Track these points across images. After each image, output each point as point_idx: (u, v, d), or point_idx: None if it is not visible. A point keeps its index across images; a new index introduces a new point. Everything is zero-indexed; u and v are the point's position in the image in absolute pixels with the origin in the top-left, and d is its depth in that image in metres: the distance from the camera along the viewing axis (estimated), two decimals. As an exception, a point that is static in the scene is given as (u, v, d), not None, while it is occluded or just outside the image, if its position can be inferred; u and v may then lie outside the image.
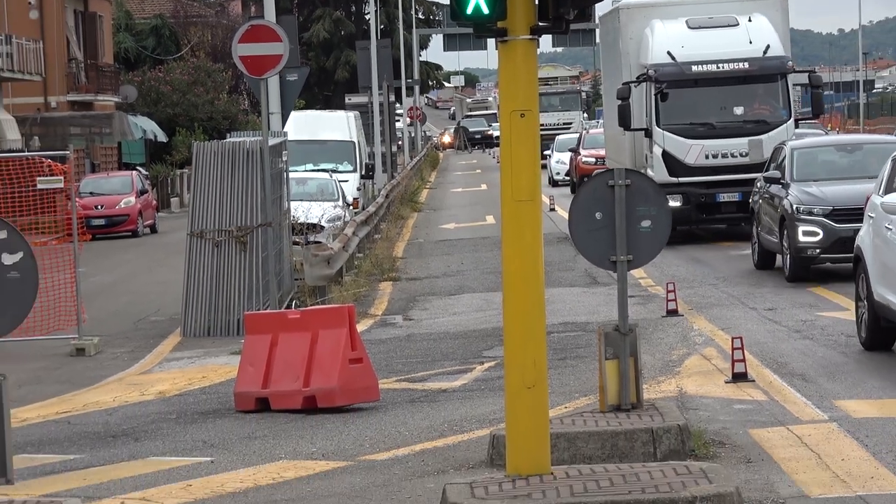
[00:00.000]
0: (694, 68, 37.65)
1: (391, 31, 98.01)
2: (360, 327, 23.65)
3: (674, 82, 37.61)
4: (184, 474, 17.34)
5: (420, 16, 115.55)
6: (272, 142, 30.91)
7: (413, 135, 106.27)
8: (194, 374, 24.84)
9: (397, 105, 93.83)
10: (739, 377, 20.93)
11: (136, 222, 59.63)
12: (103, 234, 55.62)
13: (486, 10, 13.90)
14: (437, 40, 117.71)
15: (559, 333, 24.34)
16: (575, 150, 66.53)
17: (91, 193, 57.48)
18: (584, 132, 74.91)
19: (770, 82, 38.71)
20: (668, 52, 37.95)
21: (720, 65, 37.71)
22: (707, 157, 37.61)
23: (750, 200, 34.67)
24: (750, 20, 39.01)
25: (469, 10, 13.89)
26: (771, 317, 27.07)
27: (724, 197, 38.03)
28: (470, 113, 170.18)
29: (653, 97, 38.01)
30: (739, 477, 14.90)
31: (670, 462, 15.37)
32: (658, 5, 41.20)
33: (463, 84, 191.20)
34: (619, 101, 38.08)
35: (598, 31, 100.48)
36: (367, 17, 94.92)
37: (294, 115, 48.36)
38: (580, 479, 14.21)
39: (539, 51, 14.88)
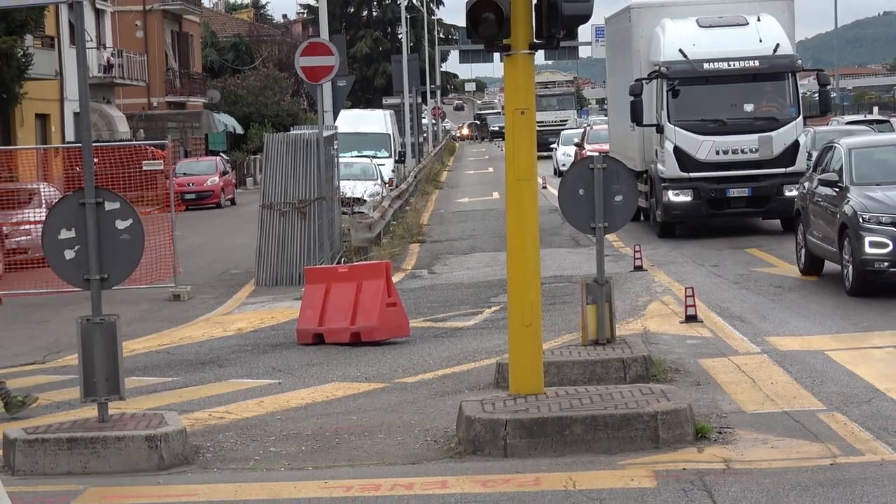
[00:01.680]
0: (706, 65, 32.85)
1: (418, 47, 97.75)
2: (395, 279, 23.61)
3: (686, 79, 32.88)
4: (257, 393, 17.37)
5: (441, 35, 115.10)
6: (326, 134, 30.85)
7: (435, 129, 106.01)
8: (265, 315, 24.83)
9: (423, 105, 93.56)
10: (691, 318, 20.93)
11: (220, 197, 59.62)
12: (194, 206, 55.57)
13: (494, 30, 13.91)
14: (454, 55, 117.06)
15: (550, 284, 24.28)
16: (579, 145, 60.30)
17: (184, 174, 57.36)
18: (588, 128, 67.14)
19: (779, 80, 33.61)
20: (680, 50, 33.04)
21: (731, 62, 32.88)
22: (717, 152, 32.51)
23: (795, 201, 27.91)
24: (759, 20, 34.05)
25: (481, 30, 13.92)
26: (716, 272, 27.00)
27: (734, 192, 33.00)
28: (480, 112, 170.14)
29: (665, 94, 33.09)
30: (691, 396, 14.89)
31: (637, 384, 15.37)
32: (668, 5, 35.77)
33: (475, 89, 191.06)
34: (632, 98, 32.87)
35: (579, 46, 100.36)
36: (399, 36, 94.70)
37: (343, 113, 48.34)
38: (566, 397, 14.24)
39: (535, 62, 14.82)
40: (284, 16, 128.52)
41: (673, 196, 32.82)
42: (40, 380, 19.15)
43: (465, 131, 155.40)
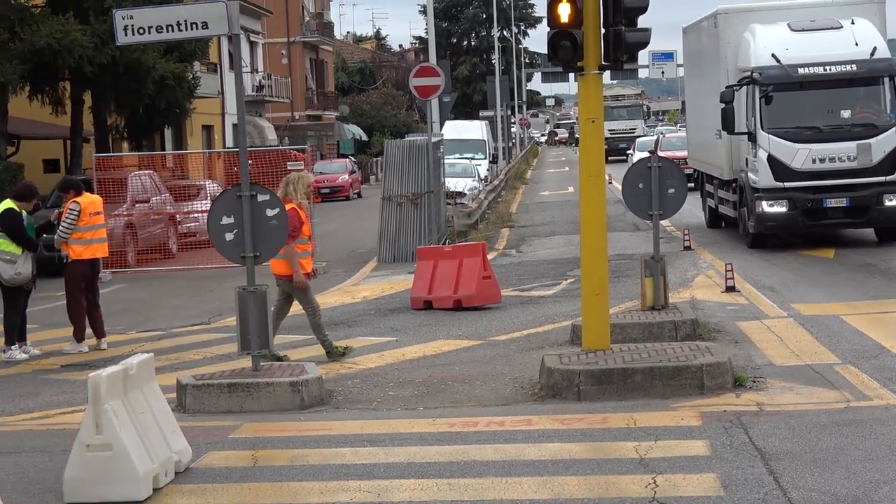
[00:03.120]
0: (800, 70, 26.59)
1: (508, 70, 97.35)
2: (489, 256, 23.59)
3: (779, 85, 26.56)
4: (379, 348, 17.42)
5: (526, 60, 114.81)
6: (434, 140, 30.92)
7: (522, 136, 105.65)
8: (385, 285, 24.89)
9: (512, 117, 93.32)
10: (730, 289, 20.77)
11: (349, 191, 59.90)
12: (328, 198, 55.83)
13: (570, 55, 13.89)
14: (537, 76, 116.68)
15: (614, 261, 24.11)
16: (653, 151, 49.55)
17: (320, 173, 57.55)
18: (661, 136, 58.94)
19: (877, 85, 27.08)
20: (773, 55, 26.81)
21: (828, 67, 26.48)
22: (814, 161, 26.13)
23: None
24: (853, 23, 27.71)
25: (560, 55, 13.90)
26: (751, 251, 26.79)
27: (832, 202, 26.54)
28: (558, 122, 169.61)
29: (757, 100, 26.67)
30: (730, 352, 14.76)
31: (686, 342, 15.29)
32: (756, 10, 29.53)
33: (554, 103, 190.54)
34: (723, 105, 26.69)
35: (638, 68, 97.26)
36: (493, 61, 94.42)
37: (448, 123, 48.36)
38: (629, 352, 14.16)
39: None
40: (400, 45, 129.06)
41: (767, 207, 26.64)
42: (206, 337, 19.32)
43: (558, 136, 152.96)
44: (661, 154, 44.56)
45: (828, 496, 9.36)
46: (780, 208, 26.51)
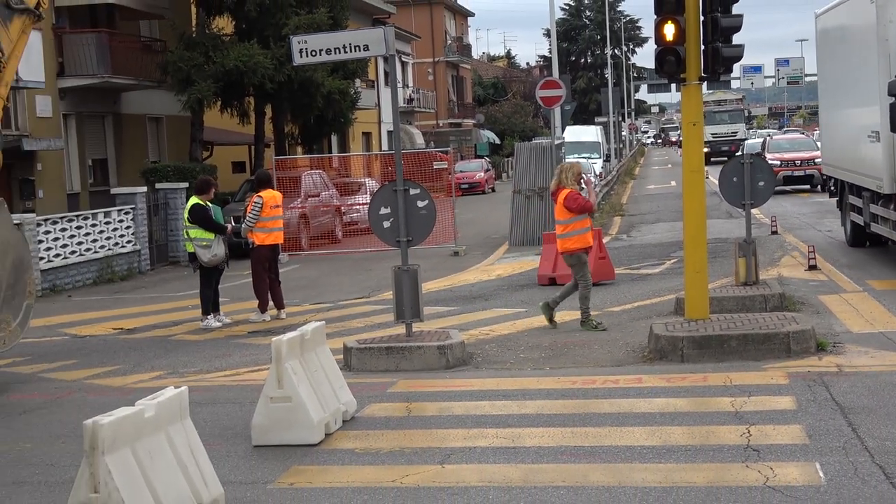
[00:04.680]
0: None
1: (619, 82, 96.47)
2: (604, 240, 23.41)
3: None
4: (511, 318, 17.41)
5: (634, 74, 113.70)
6: (556, 142, 30.74)
7: (631, 139, 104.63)
8: (515, 265, 24.86)
9: (622, 122, 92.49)
10: (812, 267, 20.40)
11: (484, 186, 59.83)
12: (467, 193, 55.95)
13: (674, 68, 13.72)
14: (643, 87, 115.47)
15: (712, 244, 23.77)
16: (760, 155, 40.24)
17: (460, 171, 57.52)
18: (768, 138, 51.99)
19: None
20: None
21: None
22: None
23: None
24: None
25: (665, 69, 13.74)
26: (830, 235, 26.23)
27: None
28: (663, 126, 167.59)
29: None
30: (813, 321, 14.47)
31: (775, 313, 15.00)
32: None
33: (658, 110, 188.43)
34: (893, 99, 17.16)
35: (731, 79, 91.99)
36: (606, 75, 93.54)
37: (568, 128, 48.27)
38: (725, 321, 13.96)
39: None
40: (528, 63, 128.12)
41: None
42: (367, 309, 19.48)
43: (673, 139, 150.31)
44: (768, 157, 40.83)
45: (900, 445, 9.15)
46: None
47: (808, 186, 42.36)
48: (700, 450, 9.23)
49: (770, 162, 38.50)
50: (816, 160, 39.30)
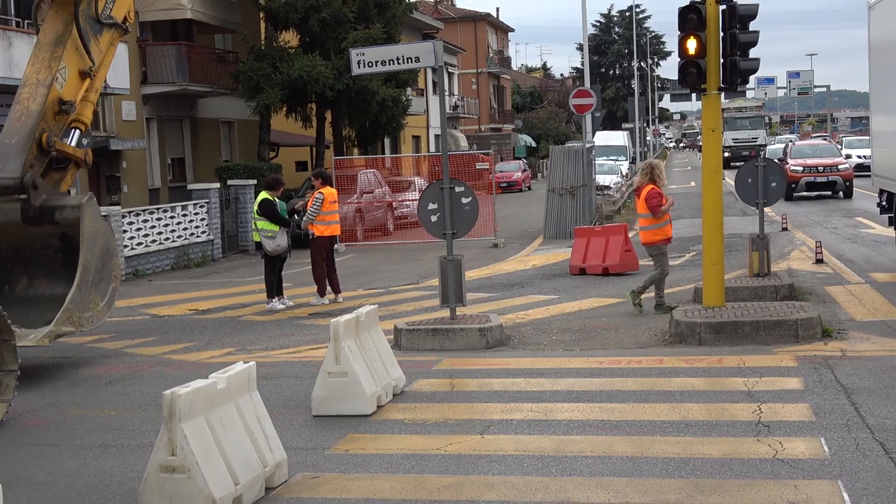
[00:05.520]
0: None
1: (644, 92, 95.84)
2: (630, 234, 23.24)
3: None
4: (544, 304, 17.36)
5: (658, 85, 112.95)
6: (587, 146, 30.62)
7: (654, 143, 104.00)
8: (550, 256, 24.81)
9: (647, 128, 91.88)
10: (819, 261, 20.22)
11: (521, 185, 59.72)
12: (506, 191, 55.88)
13: (696, 80, 13.63)
14: (667, 97, 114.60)
15: (727, 239, 23.63)
16: (782, 160, 38.63)
17: (500, 171, 57.28)
18: (790, 143, 46.58)
19: None
20: None
21: None
22: None
23: None
24: None
25: (687, 80, 13.65)
26: (835, 232, 25.99)
27: None
28: (685, 132, 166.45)
29: None
30: (819, 309, 14.34)
31: (784, 302, 14.88)
32: None
33: (679, 118, 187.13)
34: None
35: (746, 89, 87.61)
36: (632, 86, 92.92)
37: (598, 133, 48.03)
38: (739, 308, 13.87)
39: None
40: (562, 74, 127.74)
41: None
42: (415, 294, 19.50)
43: (688, 142, 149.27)
44: (790, 162, 37.96)
45: (898, 423, 9.07)
46: None
47: (829, 193, 38.32)
48: (715, 425, 9.19)
49: (792, 168, 37.54)
50: (840, 167, 37.19)
